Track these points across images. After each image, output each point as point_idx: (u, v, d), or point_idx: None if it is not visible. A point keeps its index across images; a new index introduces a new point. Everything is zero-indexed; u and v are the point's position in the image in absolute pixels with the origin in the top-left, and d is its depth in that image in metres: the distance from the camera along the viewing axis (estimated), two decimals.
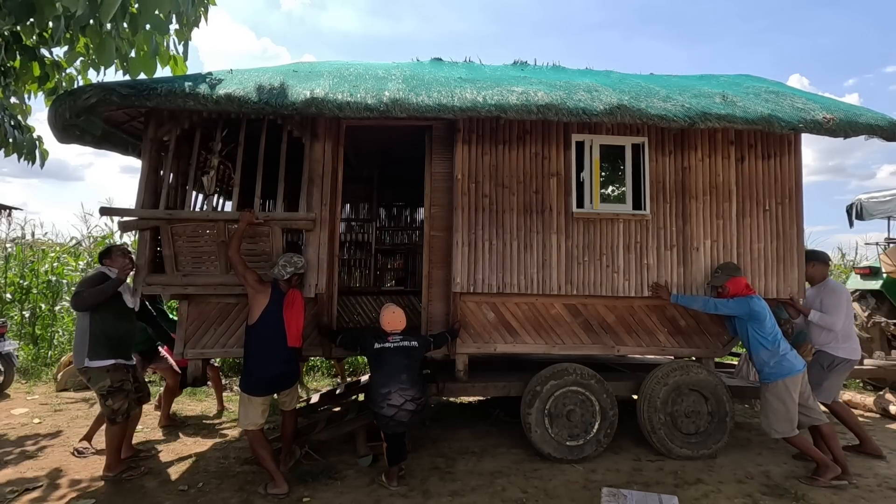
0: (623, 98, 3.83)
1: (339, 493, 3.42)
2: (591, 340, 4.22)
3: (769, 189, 4.30)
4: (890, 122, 4.04)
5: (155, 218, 3.70)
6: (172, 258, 3.76)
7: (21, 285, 7.87)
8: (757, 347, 3.75)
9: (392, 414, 3.43)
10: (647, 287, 4.13)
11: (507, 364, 4.89)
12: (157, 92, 3.47)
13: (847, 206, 7.04)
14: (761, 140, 4.32)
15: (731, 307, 3.84)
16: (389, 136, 5.10)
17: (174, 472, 3.77)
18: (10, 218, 8.13)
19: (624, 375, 4.53)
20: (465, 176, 4.09)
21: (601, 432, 3.96)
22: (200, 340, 3.98)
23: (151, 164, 3.86)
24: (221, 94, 3.51)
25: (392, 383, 3.47)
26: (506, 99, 3.69)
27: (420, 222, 7.19)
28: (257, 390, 3.43)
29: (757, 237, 4.26)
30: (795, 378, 3.63)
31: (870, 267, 6.54)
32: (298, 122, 3.96)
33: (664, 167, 4.24)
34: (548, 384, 3.98)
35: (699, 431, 4.03)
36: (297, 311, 3.58)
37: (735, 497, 3.36)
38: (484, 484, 3.55)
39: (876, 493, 3.45)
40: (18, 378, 6.40)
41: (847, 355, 3.99)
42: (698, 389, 4.07)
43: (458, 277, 4.01)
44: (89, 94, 3.41)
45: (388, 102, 3.59)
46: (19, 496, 3.36)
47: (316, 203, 3.93)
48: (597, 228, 4.15)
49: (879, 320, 6.14)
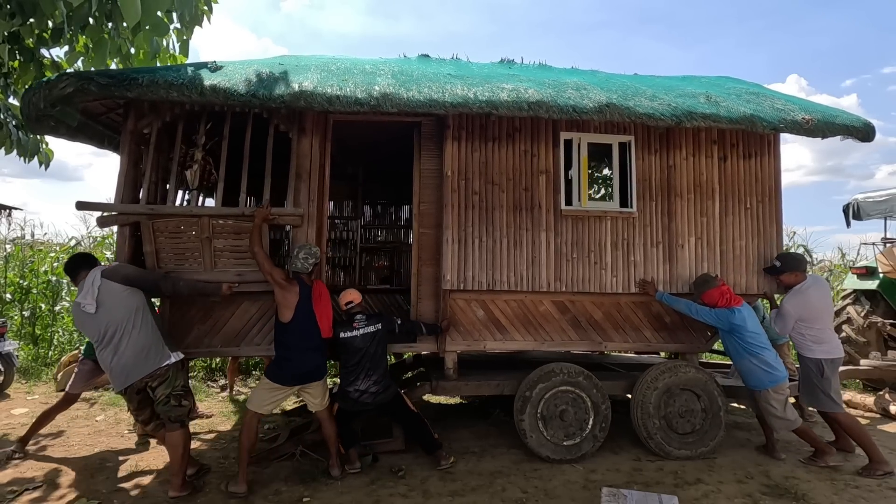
0: (612, 96, 3.87)
1: (339, 493, 3.39)
2: (579, 337, 4.26)
3: (750, 188, 4.40)
4: (864, 124, 4.19)
5: (135, 213, 3.58)
6: (154, 255, 3.64)
7: (21, 285, 7.77)
8: (738, 357, 3.85)
9: (357, 397, 3.64)
10: (634, 283, 4.19)
11: (502, 363, 4.91)
12: (138, 82, 3.35)
13: (844, 206, 7.04)
14: (743, 140, 4.42)
15: (711, 318, 3.93)
16: (374, 133, 5.04)
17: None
18: (10, 218, 7.98)
19: (615, 375, 4.57)
20: (455, 173, 4.08)
21: (596, 427, 3.98)
22: (183, 340, 3.85)
23: (131, 157, 3.73)
24: (206, 85, 3.41)
25: (358, 370, 3.65)
26: (496, 95, 3.68)
27: (406, 220, 7.14)
28: (288, 381, 3.47)
29: (739, 234, 4.36)
30: (781, 385, 3.75)
31: (866, 267, 6.50)
32: (286, 116, 3.88)
33: (650, 165, 4.30)
34: (537, 388, 3.99)
35: (695, 430, 4.06)
36: (325, 302, 3.65)
37: (735, 497, 3.37)
38: (484, 484, 3.54)
39: (876, 493, 3.45)
40: (18, 378, 6.27)
41: (825, 355, 3.90)
42: (689, 388, 4.11)
43: (447, 275, 3.99)
44: (66, 83, 3.26)
45: (379, 97, 3.55)
46: (19, 496, 3.32)
47: (303, 199, 3.86)
48: (585, 226, 4.19)
49: (876, 320, 6.10)
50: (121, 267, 3.34)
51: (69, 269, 3.38)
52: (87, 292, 3.12)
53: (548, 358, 4.34)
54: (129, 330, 3.12)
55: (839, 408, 3.91)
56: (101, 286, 3.14)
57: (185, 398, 3.29)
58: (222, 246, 3.73)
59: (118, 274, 3.22)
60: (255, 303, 3.93)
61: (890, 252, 6.18)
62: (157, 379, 3.18)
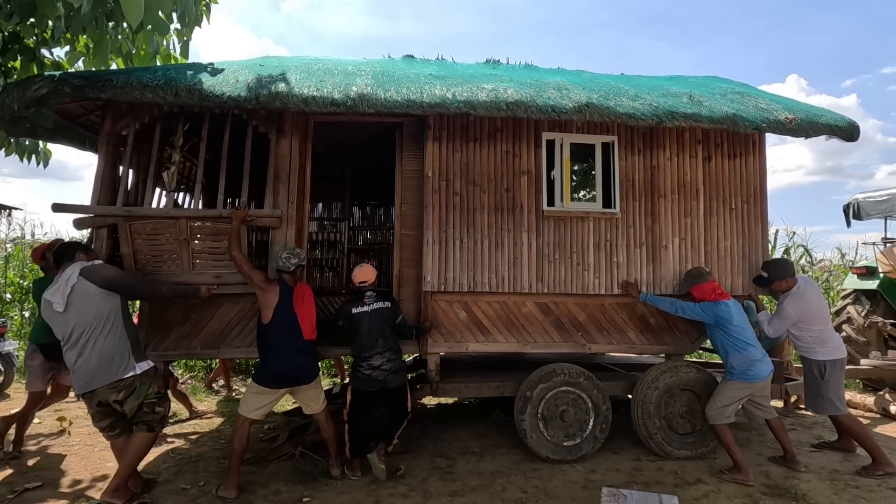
0: (592, 96, 3.84)
1: (339, 493, 3.39)
2: (563, 339, 4.22)
3: (735, 188, 4.37)
4: (849, 123, 4.15)
5: (112, 215, 3.56)
6: (131, 256, 3.62)
7: (21, 285, 7.80)
8: (726, 350, 3.79)
9: (368, 374, 3.62)
10: (618, 285, 4.15)
11: (501, 364, 4.89)
12: (112, 83, 3.33)
13: (844, 206, 7.01)
14: (727, 139, 4.39)
15: (696, 312, 3.88)
16: (360, 134, 5.02)
17: (175, 472, 3.71)
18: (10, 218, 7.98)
19: (616, 375, 4.54)
20: (436, 174, 4.05)
21: (596, 428, 3.95)
22: (162, 343, 3.84)
23: (108, 159, 3.71)
24: (182, 86, 3.39)
25: (370, 347, 3.64)
26: (475, 95, 3.66)
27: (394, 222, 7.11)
28: (272, 383, 3.44)
29: (724, 235, 4.33)
30: (756, 384, 3.69)
31: (866, 267, 6.48)
32: (264, 117, 3.86)
33: (633, 166, 4.27)
34: (538, 388, 3.96)
35: (695, 430, 4.02)
36: (308, 303, 3.60)
37: (735, 497, 3.34)
38: (484, 484, 3.53)
39: (876, 493, 3.43)
40: (18, 378, 6.26)
41: (827, 356, 3.84)
42: (690, 388, 4.07)
43: (428, 276, 3.97)
44: (39, 84, 3.25)
45: (356, 97, 3.53)
46: (19, 496, 3.30)
47: (282, 200, 3.84)
48: (567, 227, 4.16)
49: (876, 320, 6.07)
50: (102, 268, 3.16)
51: (57, 256, 3.21)
52: (59, 289, 2.98)
53: (548, 359, 4.30)
54: (95, 335, 2.98)
55: (841, 410, 3.85)
56: (76, 285, 2.99)
57: (158, 405, 3.18)
58: (200, 248, 3.71)
59: (97, 276, 3.06)
60: (235, 305, 3.90)
61: (890, 252, 6.15)
62: (122, 391, 3.03)
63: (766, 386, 3.78)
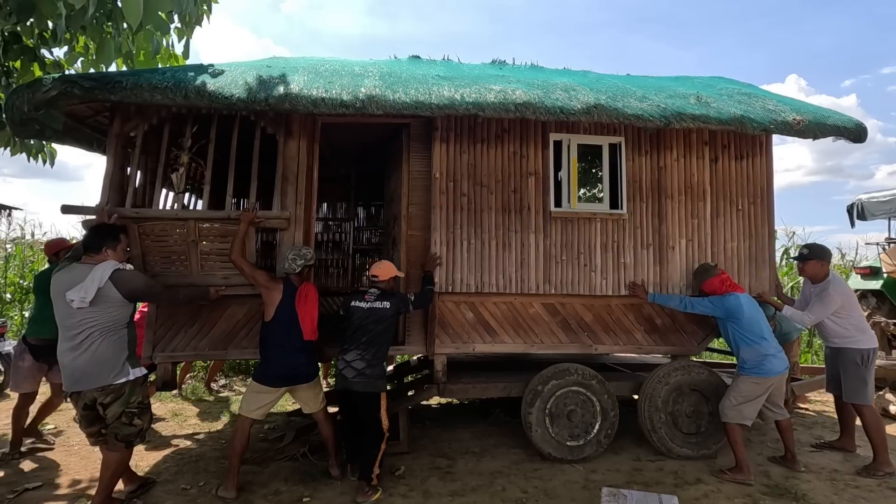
0: (600, 97, 3.85)
1: (339, 493, 3.40)
2: (570, 339, 4.23)
3: (742, 189, 4.38)
4: (856, 125, 4.15)
5: (121, 216, 3.56)
6: (140, 258, 3.63)
7: (21, 285, 7.82)
8: (737, 344, 3.76)
9: (341, 368, 3.49)
10: (625, 286, 4.16)
11: (507, 364, 4.89)
12: (121, 85, 3.33)
13: (848, 207, 7.05)
14: (734, 141, 4.39)
15: (706, 306, 3.88)
16: (366, 135, 5.02)
17: (175, 472, 3.71)
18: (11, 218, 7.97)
19: (625, 375, 4.54)
20: (444, 175, 4.06)
21: (602, 433, 3.96)
22: (170, 343, 3.84)
23: (117, 160, 3.70)
24: (191, 88, 3.40)
25: (352, 342, 3.52)
26: (484, 97, 3.66)
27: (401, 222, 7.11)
28: (271, 381, 3.44)
29: (730, 236, 4.33)
30: (772, 379, 3.63)
31: (870, 267, 6.48)
32: (272, 119, 3.86)
33: (640, 167, 4.28)
34: (549, 384, 3.96)
35: (700, 431, 4.03)
36: (310, 304, 3.57)
37: (735, 497, 3.35)
38: (484, 484, 3.53)
39: (876, 493, 3.44)
40: None
41: (868, 345, 3.83)
42: (699, 389, 4.07)
43: (435, 277, 3.97)
44: (49, 86, 3.25)
45: (365, 99, 3.53)
46: (19, 496, 3.31)
47: (290, 201, 3.84)
48: (574, 228, 4.16)
49: (880, 320, 6.09)
50: (133, 278, 3.03)
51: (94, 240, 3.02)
52: (84, 287, 2.82)
53: (552, 359, 4.29)
54: (97, 337, 2.87)
55: (871, 400, 3.85)
56: (102, 288, 2.85)
57: (138, 417, 3.01)
58: (209, 249, 3.72)
59: (126, 286, 2.95)
60: (242, 306, 3.90)
61: (894, 252, 6.16)
62: (109, 395, 2.91)
63: (781, 385, 3.74)
